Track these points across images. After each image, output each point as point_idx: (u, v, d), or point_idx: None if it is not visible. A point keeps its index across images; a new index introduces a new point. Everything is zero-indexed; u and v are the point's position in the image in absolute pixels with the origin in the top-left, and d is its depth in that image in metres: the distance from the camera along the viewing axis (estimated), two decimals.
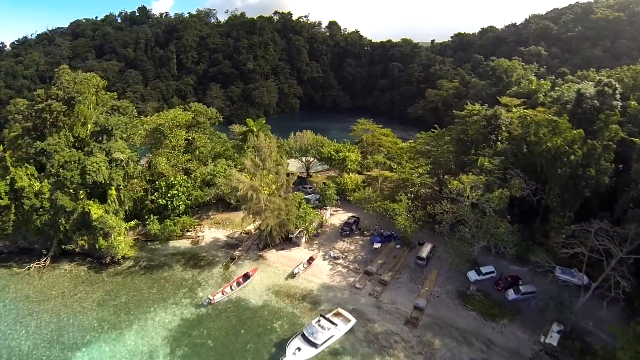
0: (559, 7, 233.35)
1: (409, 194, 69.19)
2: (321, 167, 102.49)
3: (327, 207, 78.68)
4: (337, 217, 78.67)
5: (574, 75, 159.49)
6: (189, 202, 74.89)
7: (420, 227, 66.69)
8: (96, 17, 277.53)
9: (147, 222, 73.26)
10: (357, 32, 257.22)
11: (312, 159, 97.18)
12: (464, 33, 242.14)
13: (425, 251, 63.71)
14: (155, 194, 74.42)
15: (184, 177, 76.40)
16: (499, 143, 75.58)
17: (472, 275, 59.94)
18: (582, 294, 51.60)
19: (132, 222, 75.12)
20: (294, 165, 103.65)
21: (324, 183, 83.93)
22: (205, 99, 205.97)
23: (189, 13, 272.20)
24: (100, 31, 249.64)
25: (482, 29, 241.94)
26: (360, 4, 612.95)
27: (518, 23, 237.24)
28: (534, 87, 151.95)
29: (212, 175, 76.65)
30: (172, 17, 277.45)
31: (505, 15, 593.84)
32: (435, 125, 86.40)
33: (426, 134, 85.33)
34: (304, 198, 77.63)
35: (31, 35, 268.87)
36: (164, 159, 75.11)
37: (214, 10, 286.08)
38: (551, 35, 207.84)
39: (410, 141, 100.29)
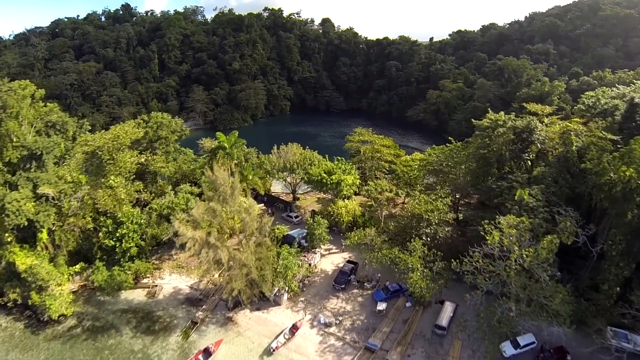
0: (561, 5, 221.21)
1: (423, 237, 53.30)
2: (310, 188, 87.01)
3: (317, 250, 62.25)
4: (329, 259, 62.68)
5: (588, 77, 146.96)
6: (143, 242, 59.44)
7: (443, 286, 50.78)
8: (78, 16, 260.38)
9: (92, 270, 58.45)
10: (351, 29, 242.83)
11: (299, 178, 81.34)
12: (465, 30, 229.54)
13: (445, 316, 48.23)
14: (100, 234, 59.16)
15: (136, 212, 60.67)
16: (529, 162, 61.57)
17: (508, 348, 44.91)
18: None
19: (77, 265, 60.54)
20: (277, 186, 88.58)
21: (312, 213, 68.06)
22: (187, 102, 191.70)
23: (175, 10, 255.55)
24: (80, 30, 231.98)
25: (484, 26, 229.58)
26: (354, 3, 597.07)
27: (521, 20, 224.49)
28: (547, 89, 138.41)
29: (170, 209, 60.64)
30: (158, 14, 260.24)
31: (502, 14, 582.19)
32: (450, 139, 72.01)
33: (439, 148, 71.01)
34: (286, 235, 62.28)
35: (9, 35, 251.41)
36: (107, 191, 58.66)
37: (201, 7, 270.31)
38: (558, 33, 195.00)
39: (416, 154, 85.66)
